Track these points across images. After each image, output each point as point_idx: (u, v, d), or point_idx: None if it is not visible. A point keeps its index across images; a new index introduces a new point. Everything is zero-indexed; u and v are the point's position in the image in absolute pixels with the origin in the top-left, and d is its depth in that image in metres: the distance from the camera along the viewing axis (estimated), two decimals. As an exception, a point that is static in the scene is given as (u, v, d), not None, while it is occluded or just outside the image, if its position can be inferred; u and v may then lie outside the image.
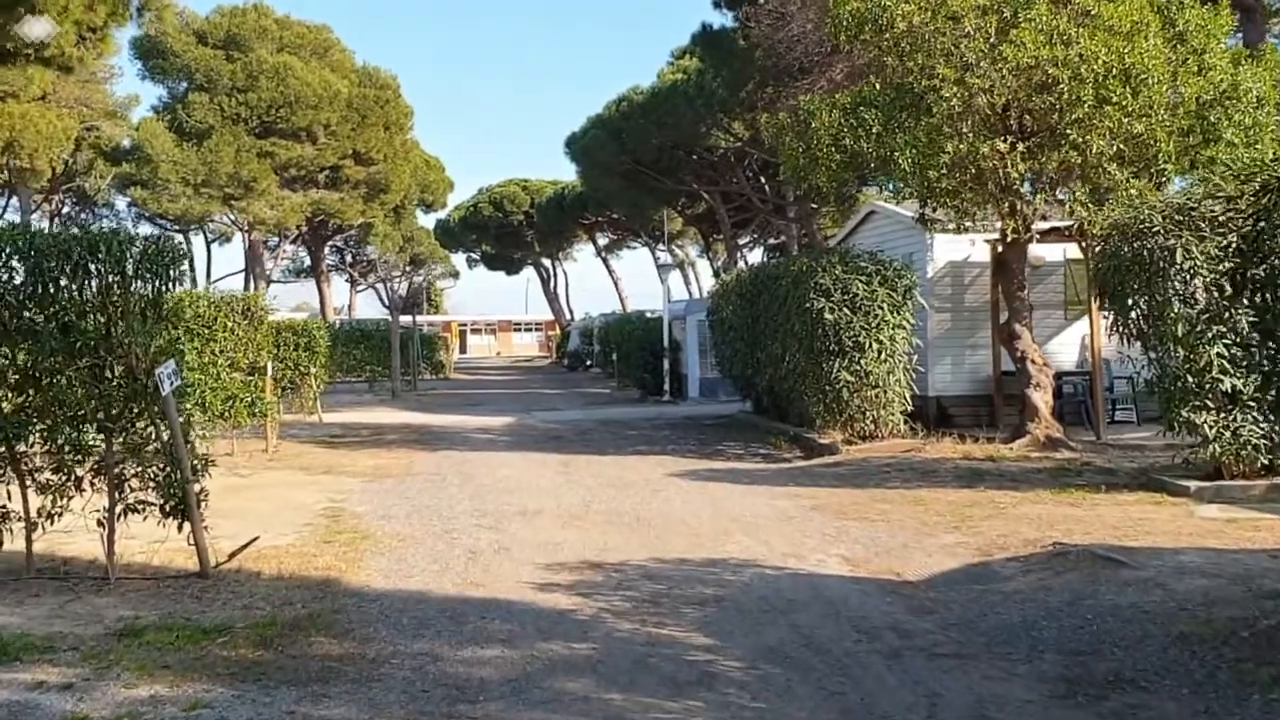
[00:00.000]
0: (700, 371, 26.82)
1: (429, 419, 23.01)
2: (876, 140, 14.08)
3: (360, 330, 37.66)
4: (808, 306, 14.50)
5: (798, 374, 15.48)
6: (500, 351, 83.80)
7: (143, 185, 39.14)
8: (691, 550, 8.73)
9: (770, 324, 16.69)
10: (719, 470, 13.67)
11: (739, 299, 18.91)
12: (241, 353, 15.36)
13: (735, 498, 11.32)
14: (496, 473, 13.71)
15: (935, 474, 12.58)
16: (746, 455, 15.43)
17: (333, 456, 15.54)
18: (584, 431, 19.45)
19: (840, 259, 14.78)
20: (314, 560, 8.28)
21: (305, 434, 19.24)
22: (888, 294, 14.46)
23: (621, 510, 10.67)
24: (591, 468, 14.09)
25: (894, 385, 14.55)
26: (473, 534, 9.47)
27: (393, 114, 43.70)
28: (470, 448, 17.05)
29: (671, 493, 11.76)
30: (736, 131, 35.43)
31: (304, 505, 11.23)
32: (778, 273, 16.29)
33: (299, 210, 41.47)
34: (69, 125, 34.26)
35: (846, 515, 10.16)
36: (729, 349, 20.15)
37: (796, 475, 12.98)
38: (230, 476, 13.54)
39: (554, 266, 75.04)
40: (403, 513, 10.64)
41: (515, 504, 11.13)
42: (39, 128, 31.21)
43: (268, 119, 39.87)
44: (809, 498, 11.23)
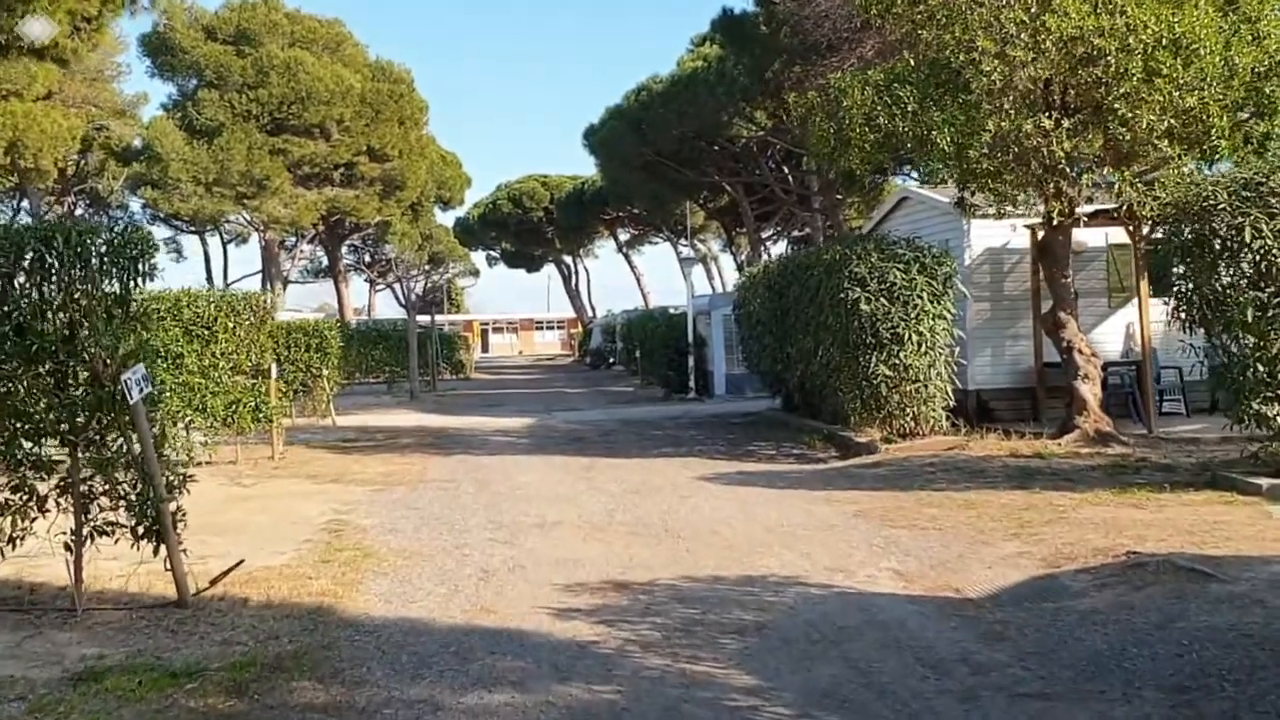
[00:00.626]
0: (726, 368, 25.96)
1: (446, 421, 22.24)
2: (913, 119, 13.19)
3: (377, 330, 36.99)
4: (842, 297, 13.62)
5: (831, 369, 14.61)
6: (522, 350, 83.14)
7: (154, 185, 38.54)
8: (726, 566, 7.89)
9: (801, 317, 15.82)
10: (750, 473, 12.82)
11: (767, 292, 18.03)
12: (244, 354, 14.63)
13: (769, 503, 10.46)
14: (514, 479, 12.91)
15: (983, 474, 11.69)
16: (779, 456, 14.57)
17: (343, 463, 14.78)
18: (607, 433, 18.62)
19: (876, 246, 13.89)
20: (309, 584, 7.49)
21: (316, 438, 18.50)
22: (927, 282, 13.57)
23: (647, 520, 9.83)
24: (615, 472, 13.27)
25: (935, 379, 13.65)
26: (486, 549, 8.65)
27: (407, 109, 42.93)
28: (488, 451, 16.26)
29: (701, 499, 10.91)
30: (759, 120, 34.50)
31: (306, 518, 10.45)
32: (809, 262, 15.41)
33: (313, 208, 40.76)
34: (75, 124, 33.66)
35: (893, 522, 9.29)
36: (756, 344, 19.28)
37: (833, 477, 12.10)
38: (232, 486, 12.81)
39: (575, 263, 74.28)
40: (411, 526, 9.84)
41: (533, 514, 10.31)
42: (43, 127, 30.59)
43: (279, 115, 39.16)
44: (850, 503, 10.36)
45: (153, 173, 38.83)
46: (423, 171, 44.61)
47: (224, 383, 14.50)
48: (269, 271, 45.75)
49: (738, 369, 25.93)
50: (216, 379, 14.45)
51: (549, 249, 69.74)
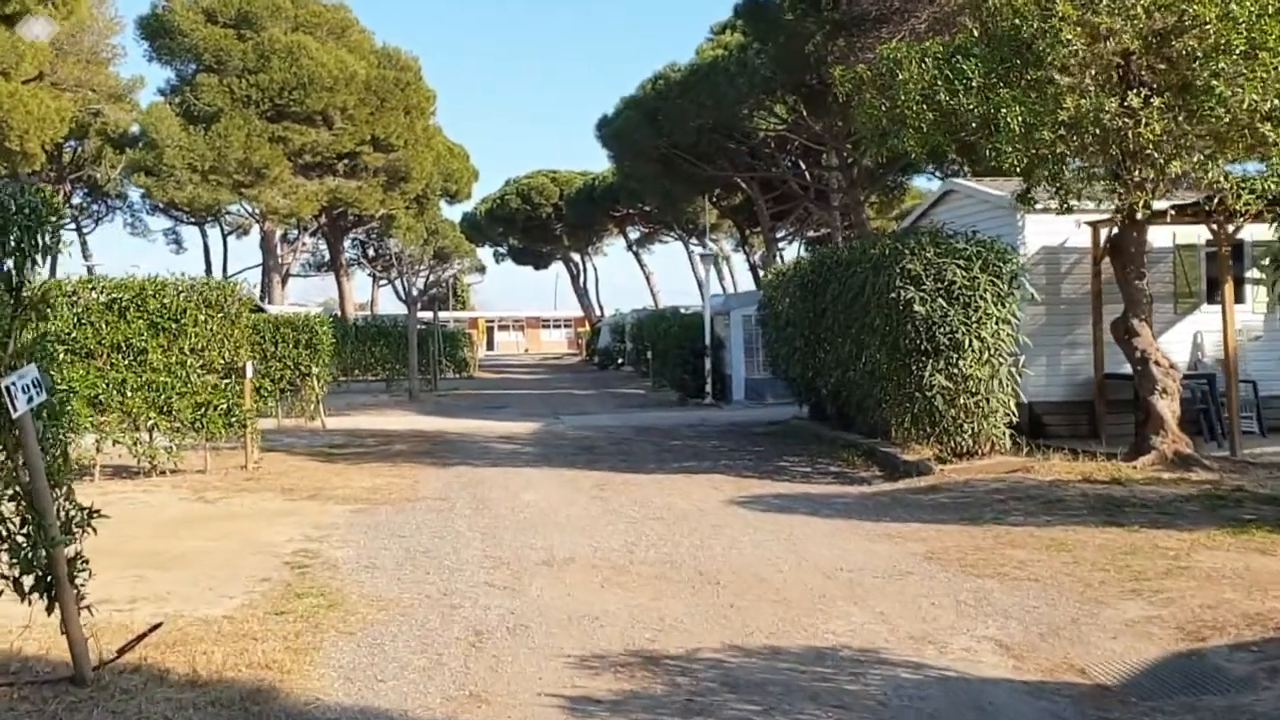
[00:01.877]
0: (745, 372, 24.32)
1: (445, 424, 20.62)
2: (978, 96, 11.55)
3: (377, 326, 35.37)
4: (893, 297, 11.97)
5: (876, 377, 12.97)
6: (528, 348, 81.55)
7: (148, 172, 36.94)
8: (783, 630, 6.25)
9: (840, 318, 14.19)
10: (788, 496, 11.17)
11: (799, 290, 16.39)
12: (216, 351, 13.00)
13: (820, 538, 8.82)
14: (518, 497, 11.27)
15: (1061, 504, 10.04)
16: (815, 474, 12.93)
17: (324, 474, 13.15)
18: (620, 441, 16.98)
19: (932, 239, 12.24)
20: (252, 648, 5.85)
21: (301, 443, 16.88)
22: (990, 281, 11.92)
23: (677, 557, 8.19)
24: (632, 491, 11.63)
25: (997, 391, 12.01)
26: (480, 598, 7.01)
27: (414, 98, 41.26)
28: (489, 462, 14.63)
29: (736, 529, 9.27)
30: (780, 113, 32.93)
31: (270, 547, 8.82)
32: (852, 257, 13.76)
33: (314, 199, 39.10)
34: (64, 106, 32.12)
35: (975, 569, 7.64)
36: (784, 347, 17.63)
37: (886, 505, 10.45)
38: (193, 501, 11.19)
39: (583, 261, 72.71)
40: (392, 561, 8.21)
41: (540, 546, 8.68)
42: (29, 108, 29.07)
43: (280, 102, 37.53)
44: (915, 539, 8.71)
45: (147, 159, 37.26)
46: (429, 163, 42.94)
47: (193, 382, 12.89)
48: (268, 264, 44.17)
49: (758, 373, 24.31)
50: (184, 378, 12.85)
51: (557, 246, 68.18)
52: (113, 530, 9.80)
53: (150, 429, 12.90)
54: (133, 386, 12.70)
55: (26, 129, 29.57)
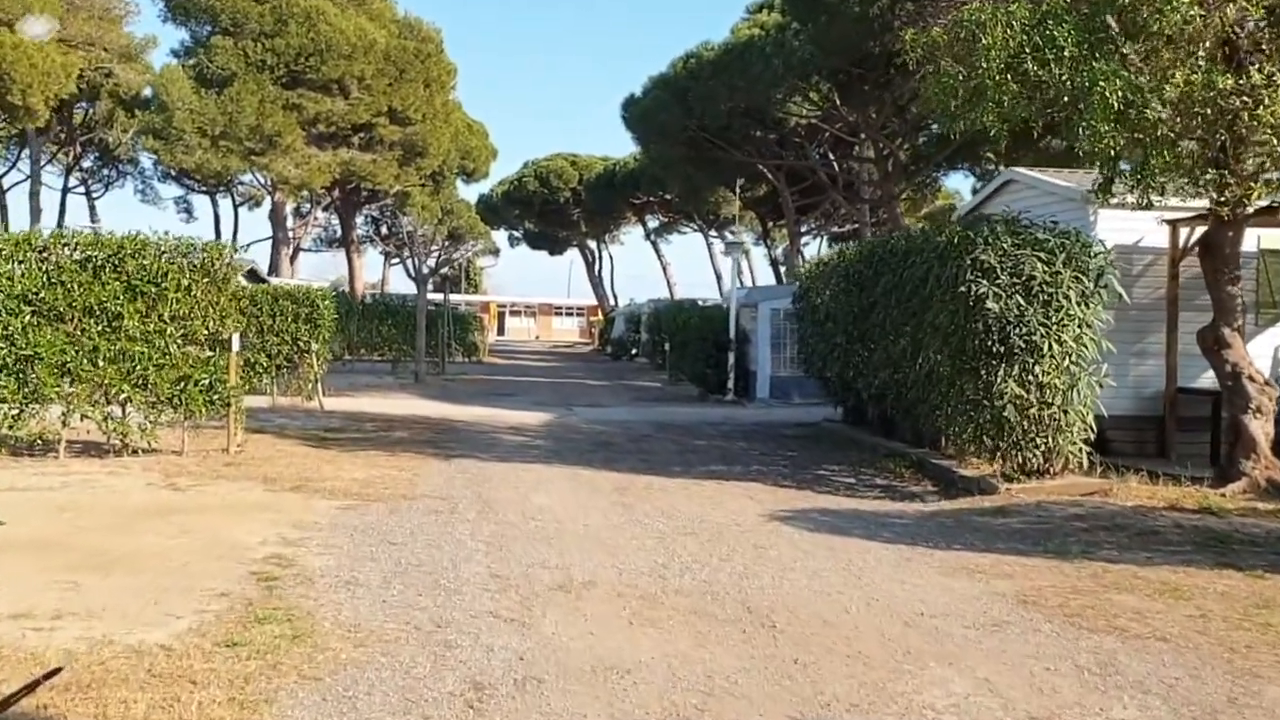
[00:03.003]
0: (771, 369, 22.92)
1: (451, 411, 19.28)
2: (1071, 66, 10.13)
3: (385, 304, 34.10)
4: (962, 291, 10.57)
5: (933, 381, 11.58)
6: (539, 335, 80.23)
7: (156, 135, 35.65)
8: (866, 699, 4.88)
9: (892, 314, 12.80)
10: (836, 513, 9.79)
11: (843, 281, 14.99)
12: (200, 320, 11.67)
13: (885, 569, 7.45)
14: (528, 500, 9.92)
15: (1156, 535, 8.67)
16: (860, 487, 11.55)
17: (314, 462, 11.81)
18: (639, 438, 15.62)
19: (1008, 228, 10.84)
20: (187, 697, 4.52)
21: (293, 425, 15.56)
22: (1075, 277, 10.51)
23: (718, 586, 6.83)
24: (657, 498, 10.26)
25: (1075, 403, 10.61)
26: (482, 634, 5.66)
27: (434, 70, 39.84)
28: (496, 455, 13.29)
29: (784, 552, 7.90)
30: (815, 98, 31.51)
31: (237, 551, 7.49)
32: (911, 246, 12.35)
33: (326, 170, 37.74)
34: (70, 62, 30.85)
35: (1084, 620, 6.26)
36: (822, 344, 16.23)
37: (952, 529, 9.07)
38: (162, 489, 9.87)
39: (599, 249, 71.28)
40: (379, 575, 6.86)
41: (554, 563, 7.32)
42: (34, 61, 27.80)
43: (296, 68, 36.18)
44: (999, 575, 7.34)
45: (156, 122, 36.00)
46: (446, 139, 41.55)
47: (172, 353, 11.57)
48: (277, 236, 42.85)
49: (785, 370, 22.93)
50: (163, 348, 11.53)
51: (574, 232, 66.76)
52: (63, 520, 8.54)
53: (123, 403, 11.59)
54: (105, 355, 11.39)
55: (30, 83, 28.31)
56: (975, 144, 34.52)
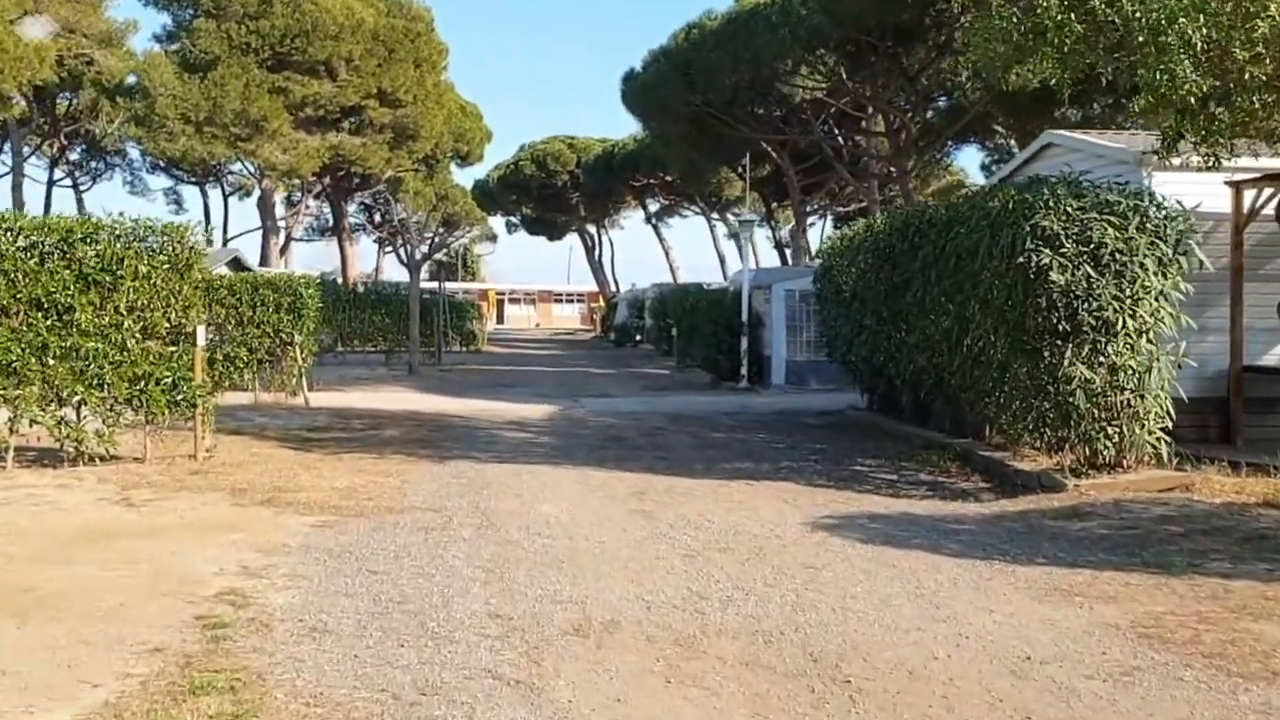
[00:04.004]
0: (787, 353, 21.65)
1: (447, 405, 18.02)
2: (1144, 1, 8.84)
3: (377, 293, 32.83)
4: (1020, 262, 9.29)
5: (983, 363, 10.32)
6: (540, 323, 78.87)
7: (139, 122, 34.31)
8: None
9: (932, 291, 11.52)
10: (886, 518, 8.54)
11: (871, 257, 13.70)
12: (160, 311, 10.39)
13: (964, 592, 6.19)
14: (534, 510, 8.66)
15: (1266, 541, 7.49)
16: (904, 484, 10.29)
17: (292, 468, 10.55)
18: (652, 432, 14.36)
19: (1071, 189, 9.55)
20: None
21: (275, 424, 14.30)
22: (1151, 245, 9.25)
23: (769, 623, 5.57)
24: (682, 503, 9.01)
25: (1153, 386, 9.35)
26: (478, 706, 4.40)
27: (424, 50, 38.36)
28: (496, 455, 12.03)
29: (840, 571, 6.65)
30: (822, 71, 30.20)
31: (187, 585, 6.24)
32: (955, 215, 11.04)
33: (315, 155, 36.29)
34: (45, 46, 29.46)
35: (1229, 662, 5.01)
36: (847, 326, 14.96)
37: (1024, 535, 7.81)
38: (113, 504, 8.61)
39: (599, 233, 69.83)
40: (353, 618, 5.60)
41: (568, 596, 6.06)
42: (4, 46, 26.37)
43: (281, 50, 34.76)
44: (1099, 597, 6.08)
45: (139, 109, 34.68)
46: (438, 121, 40.08)
47: (130, 349, 10.29)
48: (266, 225, 41.50)
49: (801, 355, 21.69)
50: (120, 343, 10.25)
51: (573, 216, 65.34)
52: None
53: (77, 406, 10.32)
54: (55, 353, 10.13)
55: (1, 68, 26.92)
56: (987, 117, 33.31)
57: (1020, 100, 31.77)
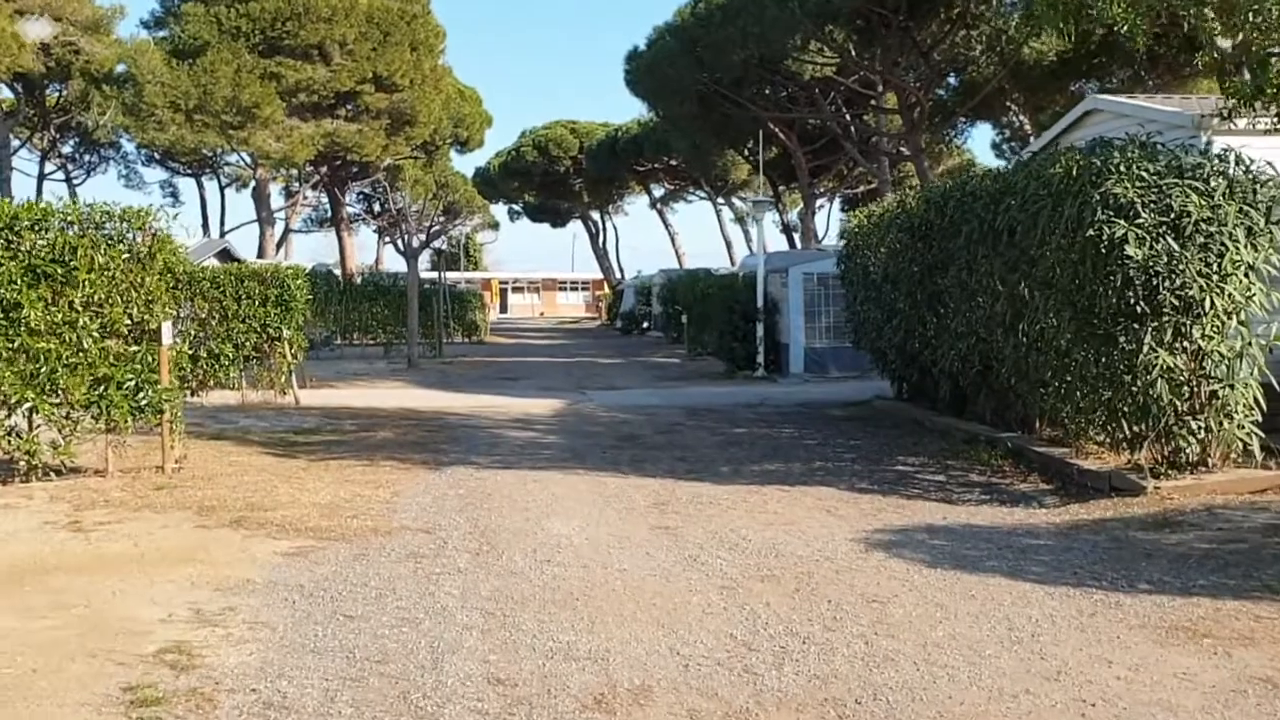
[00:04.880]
0: (805, 339, 20.51)
1: (447, 401, 16.93)
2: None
3: (375, 284, 31.73)
4: (1089, 236, 8.15)
5: (1042, 350, 9.19)
6: (544, 312, 77.69)
7: (127, 111, 33.18)
8: None
9: (978, 271, 10.37)
10: (946, 529, 7.42)
11: (904, 235, 12.55)
12: (120, 306, 9.27)
13: (1066, 634, 5.08)
14: (542, 529, 7.55)
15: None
16: (953, 485, 9.18)
17: (270, 479, 9.44)
18: (669, 428, 13.25)
19: (1144, 153, 8.40)
20: None
21: (260, 426, 13.22)
22: (1240, 213, 8.10)
23: (839, 688, 4.45)
24: (710, 516, 7.90)
25: (1243, 374, 8.22)
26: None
27: (421, 33, 37.14)
28: (499, 459, 10.92)
29: (910, 607, 5.54)
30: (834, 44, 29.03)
31: (122, 639, 5.14)
32: (1008, 184, 9.86)
33: (309, 143, 35.09)
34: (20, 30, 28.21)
35: None
36: (876, 310, 13.82)
37: (1112, 551, 6.69)
38: (60, 530, 7.52)
39: (603, 220, 68.67)
40: (318, 689, 4.48)
41: (584, 653, 4.94)
42: (-21, 30, 25.22)
43: (273, 34, 33.58)
44: (1236, 639, 4.97)
45: (126, 98, 33.57)
46: (436, 106, 38.85)
47: (88, 349, 9.18)
48: (261, 215, 40.34)
49: (820, 341, 20.55)
50: (75, 343, 9.14)
51: (576, 203, 64.18)
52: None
53: (28, 414, 9.23)
54: (2, 355, 9.02)
55: (-25, 54, 25.77)
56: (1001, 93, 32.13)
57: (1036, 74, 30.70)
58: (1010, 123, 42.05)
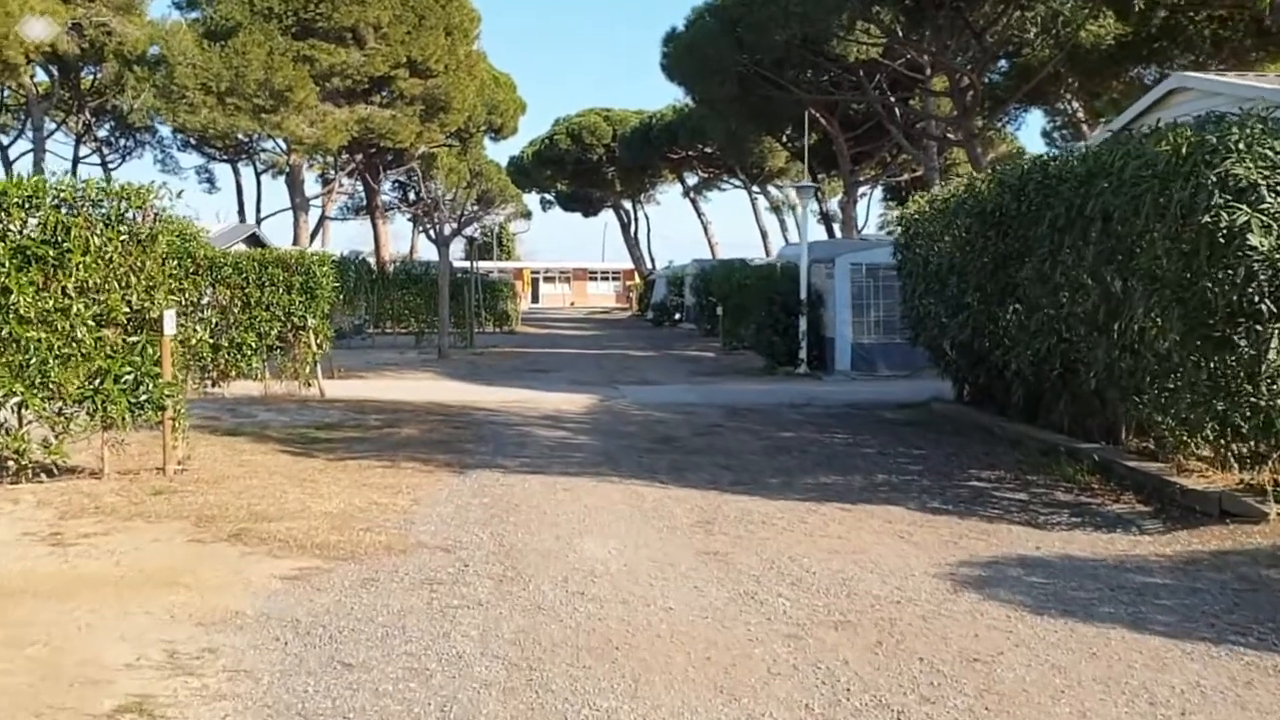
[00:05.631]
0: (853, 335, 19.48)
1: (475, 394, 16.08)
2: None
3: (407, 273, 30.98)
4: (1204, 222, 7.13)
5: (1145, 353, 8.17)
6: (574, 302, 76.91)
7: (159, 93, 32.59)
8: None
9: (1064, 261, 9.35)
10: (1042, 563, 6.43)
11: (975, 222, 11.52)
12: (118, 293, 8.46)
13: (1228, 717, 4.13)
14: (572, 551, 6.64)
15: None
16: (1037, 504, 8.18)
17: (281, 483, 8.61)
18: (708, 429, 12.31)
19: (1267, 128, 7.36)
20: None
21: (280, 421, 12.42)
22: (1382, 198, 7.04)
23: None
24: (762, 538, 6.96)
25: (1380, 386, 7.17)
26: None
27: (455, 17, 36.26)
28: (527, 462, 10.03)
29: (1022, 669, 4.57)
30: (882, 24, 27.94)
31: (75, 693, 4.30)
32: (1100, 164, 8.83)
33: (343, 129, 34.33)
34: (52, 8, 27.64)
35: None
36: (939, 304, 12.80)
37: (1245, 593, 5.68)
38: (38, 543, 6.74)
39: (635, 209, 67.73)
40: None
41: None
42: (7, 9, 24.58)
43: (306, 16, 32.85)
44: None
45: (158, 79, 33.01)
46: (471, 92, 37.98)
47: (82, 340, 8.38)
48: (295, 202, 39.67)
49: (868, 337, 19.53)
50: (68, 332, 8.34)
51: (608, 192, 63.26)
52: None
53: (17, 408, 8.44)
54: (-11, 344, 8.24)
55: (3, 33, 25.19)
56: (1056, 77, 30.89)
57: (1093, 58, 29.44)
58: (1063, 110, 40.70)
